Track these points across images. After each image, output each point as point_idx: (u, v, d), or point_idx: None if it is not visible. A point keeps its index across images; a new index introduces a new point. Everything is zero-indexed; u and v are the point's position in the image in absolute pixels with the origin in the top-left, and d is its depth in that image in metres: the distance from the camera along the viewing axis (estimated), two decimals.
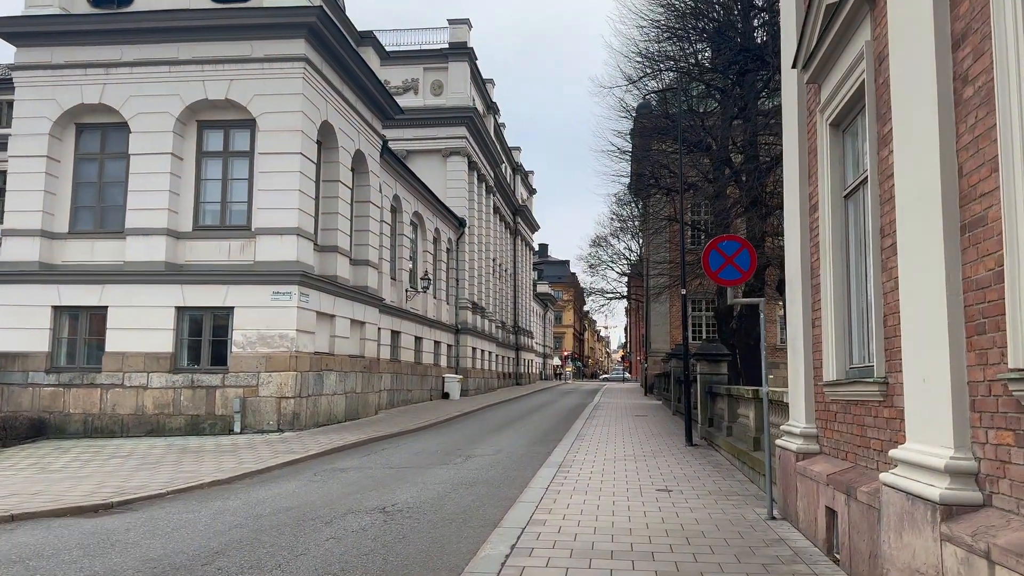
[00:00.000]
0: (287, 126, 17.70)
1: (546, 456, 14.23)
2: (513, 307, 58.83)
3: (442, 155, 37.27)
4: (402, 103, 37.26)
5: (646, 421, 23.00)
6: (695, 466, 12.61)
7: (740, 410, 13.29)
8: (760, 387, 11.71)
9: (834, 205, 7.33)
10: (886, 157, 5.81)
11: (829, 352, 7.27)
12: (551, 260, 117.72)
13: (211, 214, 18.56)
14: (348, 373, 20.54)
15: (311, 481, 11.55)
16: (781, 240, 25.96)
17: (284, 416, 17.12)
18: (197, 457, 13.95)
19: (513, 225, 59.03)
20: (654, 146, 30.88)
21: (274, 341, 17.27)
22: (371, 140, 22.87)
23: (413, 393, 28.81)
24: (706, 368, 17.31)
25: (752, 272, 8.52)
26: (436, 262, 33.78)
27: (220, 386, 17.32)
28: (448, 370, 34.76)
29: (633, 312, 74.70)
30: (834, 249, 7.29)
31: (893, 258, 5.61)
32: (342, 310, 20.23)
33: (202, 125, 18.64)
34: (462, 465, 13.29)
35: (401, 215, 28.00)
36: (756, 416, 11.24)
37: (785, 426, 8.46)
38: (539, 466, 12.78)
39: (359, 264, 22.24)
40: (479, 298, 40.74)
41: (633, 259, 55.40)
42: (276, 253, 17.44)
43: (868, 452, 6.17)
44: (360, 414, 21.37)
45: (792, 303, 8.47)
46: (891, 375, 5.67)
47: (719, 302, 31.06)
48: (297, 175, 17.58)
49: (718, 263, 8.53)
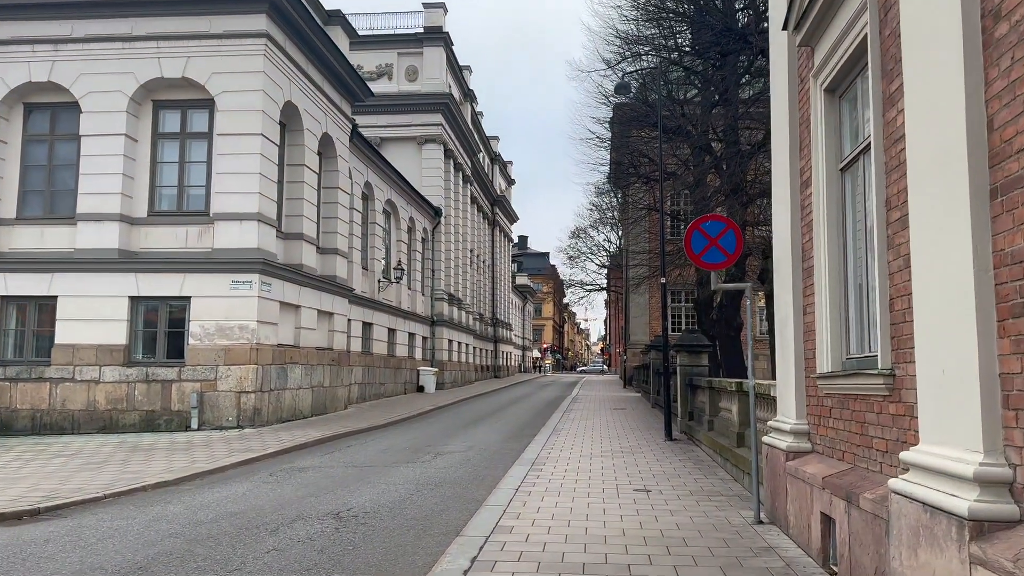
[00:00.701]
0: (247, 106, 16.77)
1: (520, 452, 13.52)
2: (491, 299, 58.06)
3: (417, 143, 36.33)
4: (376, 89, 36.29)
5: (624, 415, 22.38)
6: (675, 463, 11.95)
7: (722, 403, 12.66)
8: (744, 379, 11.06)
9: (829, 179, 6.65)
10: (893, 118, 5.12)
11: (823, 341, 6.61)
12: (531, 252, 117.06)
13: (167, 199, 17.60)
14: (315, 366, 19.68)
15: (264, 482, 10.74)
16: (762, 229, 25.47)
17: (244, 412, 16.25)
18: (147, 456, 13.07)
19: (491, 216, 58.21)
20: (633, 133, 30.24)
21: (233, 333, 16.38)
22: (339, 123, 21.95)
23: (386, 387, 27.98)
24: (686, 360, 16.68)
25: (738, 254, 7.83)
26: (411, 252, 32.91)
27: (176, 380, 16.42)
28: (423, 363, 33.94)
29: (612, 304, 74.32)
30: (829, 227, 6.61)
31: (902, 233, 4.92)
32: (308, 300, 19.35)
33: (158, 105, 17.65)
34: (430, 463, 12.54)
35: (373, 203, 27.09)
36: (740, 410, 10.59)
37: (773, 422, 7.80)
38: (511, 464, 12.07)
39: (327, 253, 21.35)
40: (456, 289, 39.92)
41: (613, 250, 54.93)
42: (235, 240, 16.54)
43: (870, 453, 5.50)
44: (328, 409, 20.53)
45: (781, 288, 7.80)
46: (899, 366, 4.99)
47: (699, 293, 30.52)
48: (258, 158, 16.66)
49: (701, 245, 7.82)
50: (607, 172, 31.60)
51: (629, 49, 22.78)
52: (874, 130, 5.43)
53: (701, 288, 29.81)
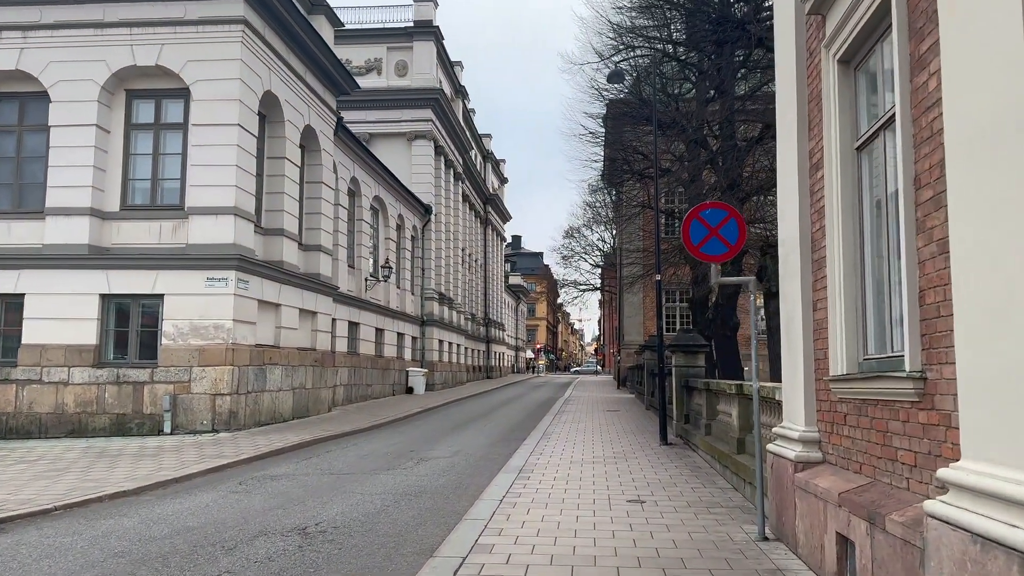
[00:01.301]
0: (223, 95, 16.03)
1: (507, 458, 12.83)
2: (483, 299, 57.34)
3: (407, 139, 35.60)
4: (365, 84, 35.58)
5: (618, 417, 21.72)
6: (671, 470, 11.27)
7: (720, 407, 11.99)
8: (745, 381, 10.40)
9: (843, 160, 5.99)
10: (924, 83, 4.45)
11: (837, 340, 5.94)
12: (524, 252, 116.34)
13: (141, 192, 16.85)
14: (296, 367, 18.95)
15: (233, 492, 10.03)
16: (759, 226, 24.82)
17: (219, 415, 15.51)
18: (112, 462, 12.34)
19: (484, 214, 57.49)
20: (627, 129, 29.60)
21: (208, 332, 15.64)
22: (323, 116, 21.22)
23: (373, 388, 27.24)
24: (682, 360, 16.01)
25: (741, 245, 7.16)
26: (400, 250, 32.17)
27: (149, 382, 15.67)
28: (413, 363, 33.20)
29: (606, 304, 73.73)
30: (843, 214, 5.95)
31: (936, 215, 4.26)
32: (289, 299, 18.62)
33: (131, 95, 16.90)
34: (411, 470, 11.84)
35: (360, 199, 26.35)
36: (740, 414, 9.93)
37: (779, 428, 7.14)
38: (497, 471, 11.39)
39: (310, 250, 20.61)
40: (447, 289, 39.20)
41: (607, 250, 54.33)
42: (211, 235, 15.80)
43: (895, 466, 4.83)
44: (311, 411, 19.79)
45: (787, 283, 7.13)
46: (931, 368, 4.32)
47: (694, 292, 29.86)
48: (234, 149, 15.93)
49: (700, 235, 7.15)
50: (600, 169, 30.89)
51: (622, 40, 22.09)
52: (900, 99, 4.76)
53: (696, 287, 29.17)
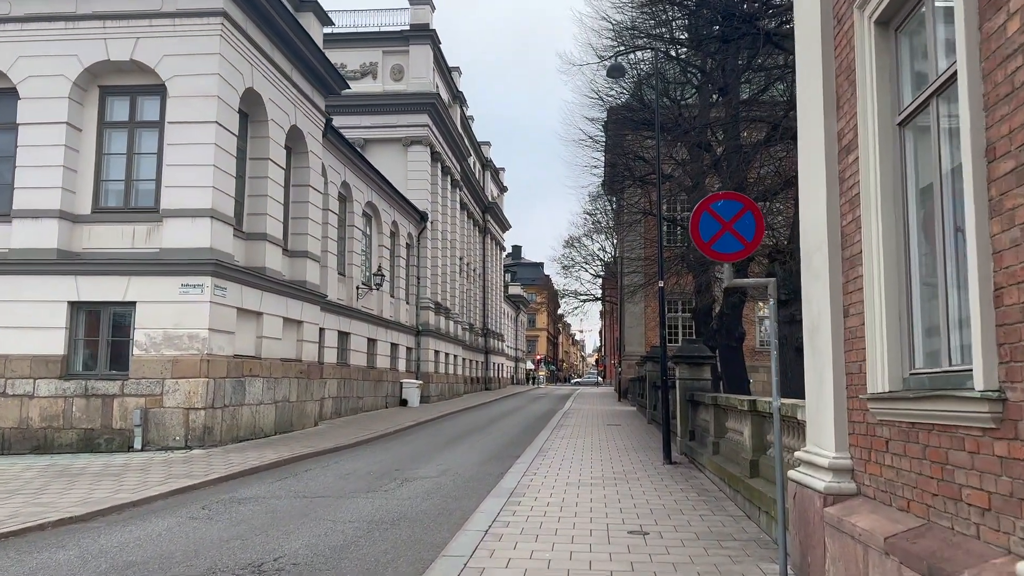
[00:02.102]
0: (201, 91, 15.17)
1: (499, 478, 11.88)
2: (482, 309, 56.41)
3: (402, 144, 34.77)
4: (360, 89, 34.86)
5: (619, 432, 20.74)
6: (676, 493, 10.31)
7: (730, 424, 11.04)
8: (758, 396, 9.46)
9: (883, 137, 5.07)
10: (1001, 27, 3.53)
11: (876, 351, 5.02)
12: (524, 262, 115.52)
13: (114, 194, 15.96)
14: (280, 379, 18.00)
15: (192, 518, 9.08)
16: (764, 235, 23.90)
17: (193, 431, 14.56)
18: (71, 482, 11.38)
19: (482, 223, 56.64)
20: (628, 135, 28.83)
21: (182, 342, 14.72)
22: (311, 116, 20.36)
23: (365, 400, 26.27)
24: (686, 372, 15.07)
25: (758, 242, 6.25)
26: (394, 258, 31.26)
27: (119, 395, 14.73)
28: (407, 375, 32.23)
29: (607, 315, 72.81)
30: (883, 201, 5.03)
31: (1016, 193, 3.35)
32: (272, 307, 17.69)
33: (105, 91, 16.04)
34: (393, 493, 10.88)
35: (351, 205, 25.47)
36: (753, 433, 8.98)
37: (803, 453, 6.19)
38: (487, 493, 10.45)
39: (296, 256, 19.70)
40: (443, 298, 38.27)
41: (607, 259, 53.51)
42: (186, 239, 14.90)
43: (958, 508, 3.90)
44: (296, 426, 18.83)
45: (811, 286, 6.21)
46: (1013, 387, 3.39)
47: (697, 301, 28.92)
48: (212, 148, 15.05)
49: (711, 231, 6.23)
50: (601, 175, 30.05)
51: (622, 40, 21.26)
52: (964, 52, 3.83)
53: (699, 296, 28.24)
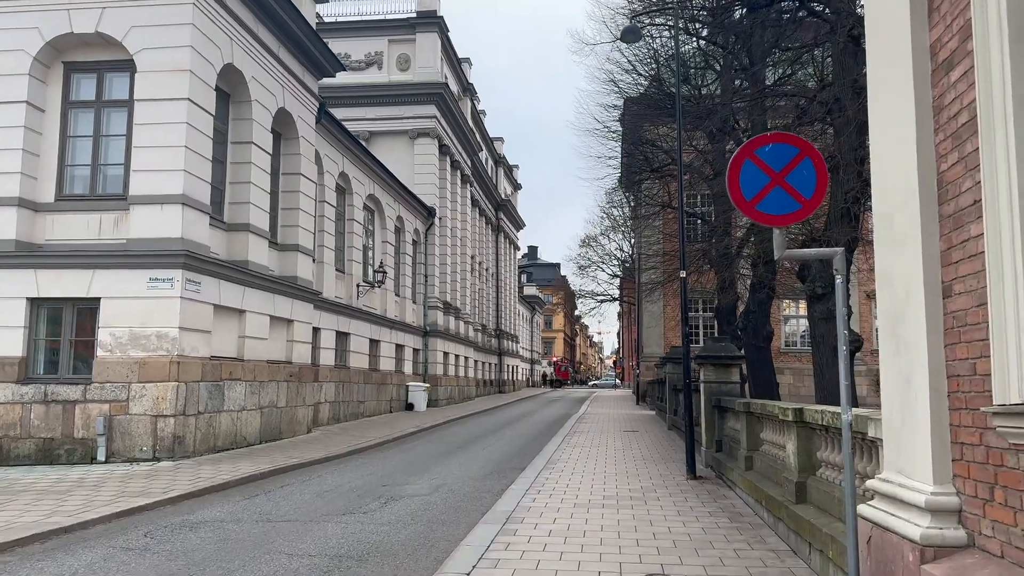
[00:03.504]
0: (172, 65, 13.74)
1: (497, 497, 10.32)
2: (495, 309, 54.85)
3: (409, 137, 33.30)
4: (365, 79, 33.50)
5: (637, 439, 19.08)
6: (704, 519, 8.67)
7: (766, 435, 9.39)
8: (807, 405, 7.78)
9: (1015, 38, 3.46)
10: None
11: (1005, 347, 3.41)
12: (541, 263, 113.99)
13: (80, 181, 14.57)
14: (266, 383, 16.53)
15: (126, 549, 7.59)
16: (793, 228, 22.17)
17: (162, 440, 13.10)
18: (7, 502, 9.93)
19: (495, 221, 55.10)
20: (645, 126, 27.30)
21: (150, 342, 13.27)
22: (302, 99, 18.90)
23: (367, 405, 24.77)
24: (712, 375, 13.40)
25: (820, 199, 4.63)
26: (399, 255, 29.77)
27: (81, 400, 13.31)
28: (414, 377, 30.71)
29: (625, 315, 71.15)
30: (1016, 130, 3.42)
31: None
32: (257, 304, 16.23)
33: (69, 68, 14.66)
34: (372, 516, 9.33)
35: (351, 197, 23.99)
36: (801, 449, 7.33)
37: (879, 481, 4.57)
38: (480, 517, 8.88)
39: (286, 250, 18.24)
40: (453, 297, 36.75)
41: (624, 257, 51.95)
42: (155, 228, 13.47)
43: None
44: (285, 433, 17.35)
45: (894, 257, 4.57)
46: None
47: (720, 299, 27.16)
48: (183, 127, 13.62)
49: (756, 185, 4.62)
50: (616, 166, 28.42)
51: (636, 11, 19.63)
52: None
53: (722, 294, 26.52)
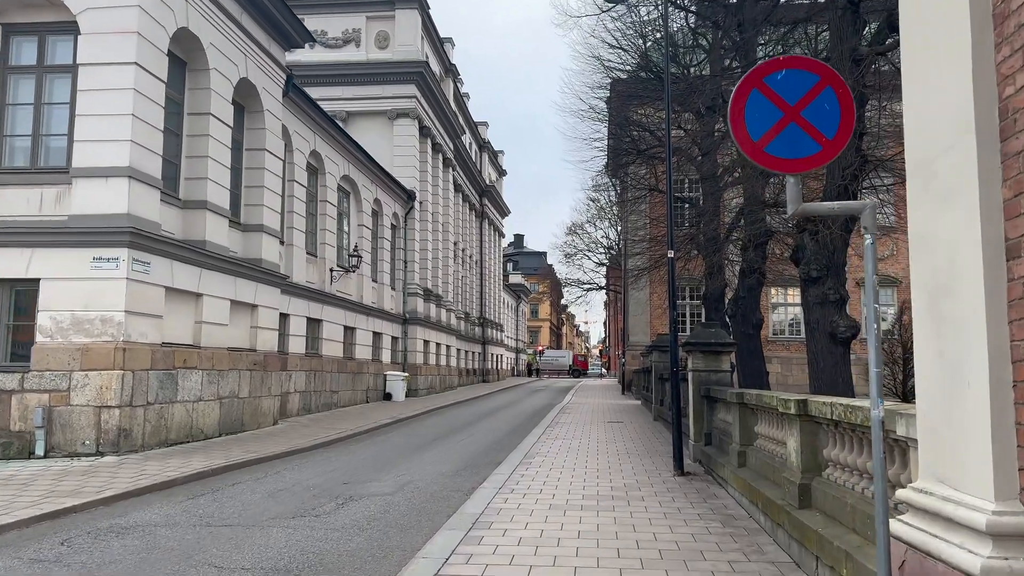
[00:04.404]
0: (118, 26, 12.62)
1: (467, 497, 9.41)
2: (479, 297, 53.88)
3: (388, 117, 32.15)
4: (342, 58, 32.35)
5: (622, 430, 18.22)
6: (694, 523, 7.78)
7: (762, 429, 8.51)
8: (812, 397, 6.87)
9: None
10: None
11: None
12: (527, 251, 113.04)
13: (20, 152, 13.44)
14: (226, 372, 15.50)
15: (34, 561, 6.63)
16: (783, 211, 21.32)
17: (106, 433, 12.07)
18: None
19: (479, 207, 54.04)
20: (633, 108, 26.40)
21: (93, 327, 12.23)
22: (267, 70, 17.78)
23: (341, 395, 23.76)
24: (701, 363, 12.52)
25: (845, 140, 3.70)
26: (377, 239, 28.70)
27: (18, 390, 12.25)
28: (393, 366, 29.70)
29: (611, 305, 70.47)
30: None
31: None
32: (216, 287, 15.18)
33: (8, 31, 13.49)
34: (325, 519, 8.38)
35: (323, 178, 22.89)
36: (804, 446, 6.44)
37: (915, 492, 3.66)
38: (444, 521, 7.96)
39: (250, 230, 17.17)
40: (434, 284, 35.72)
41: (610, 244, 51.23)
42: (100, 204, 12.39)
43: None
44: (248, 425, 16.34)
45: (936, 215, 3.64)
46: None
47: (707, 286, 26.37)
48: (130, 94, 12.52)
49: (766, 122, 3.68)
50: (602, 147, 27.49)
51: None
52: None
53: (710, 280, 25.70)
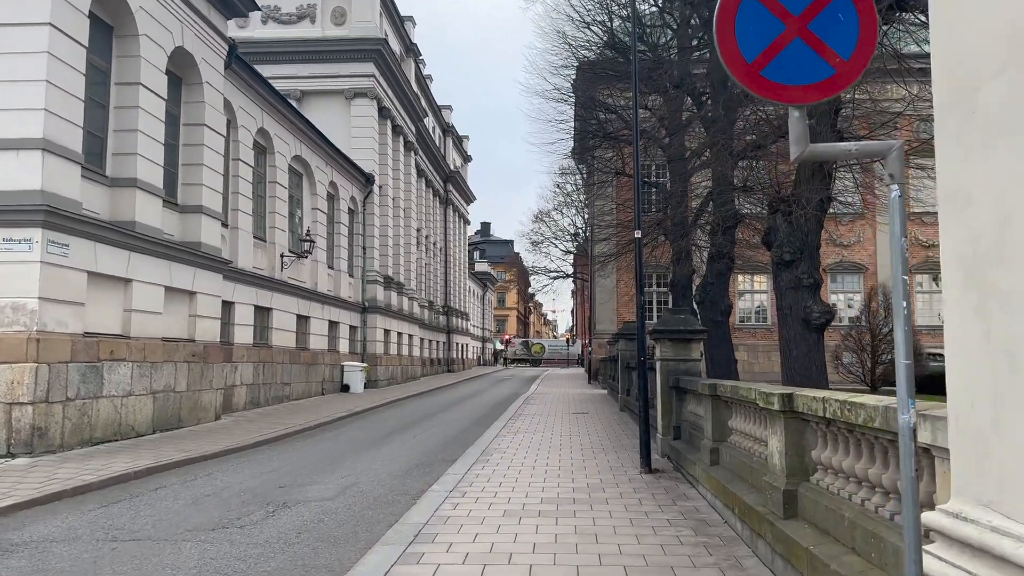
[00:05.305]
0: None
1: (414, 501, 8.51)
2: (444, 285, 52.82)
3: (345, 97, 30.86)
4: (296, 34, 31.01)
5: (587, 422, 17.44)
6: (663, 530, 6.96)
7: (737, 424, 7.72)
8: (800, 391, 6.03)
9: None
10: None
11: None
12: (494, 239, 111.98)
13: None
14: (161, 364, 14.35)
15: None
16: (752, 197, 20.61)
17: (18, 433, 10.92)
18: None
19: (444, 193, 52.88)
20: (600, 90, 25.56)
21: (4, 316, 11.03)
22: (207, 40, 16.53)
23: (294, 387, 22.64)
24: (669, 351, 11.74)
25: (866, 59, 2.87)
26: (334, 224, 27.51)
27: None
28: (351, 356, 28.59)
29: (579, 293, 69.99)
30: None
31: None
32: (148, 273, 14.00)
33: None
34: (249, 531, 7.41)
35: (272, 157, 21.65)
36: (789, 447, 5.64)
37: (949, 518, 2.82)
38: (385, 531, 7.05)
39: (188, 212, 15.97)
40: (395, 271, 34.61)
41: (576, 231, 50.66)
42: (10, 179, 11.16)
43: None
44: (187, 421, 15.21)
45: (974, 158, 2.78)
46: None
47: (675, 272, 25.74)
48: (44, 58, 11.29)
49: (763, 37, 2.83)
50: (567, 128, 26.59)
51: None
52: None
53: (678, 267, 25.05)
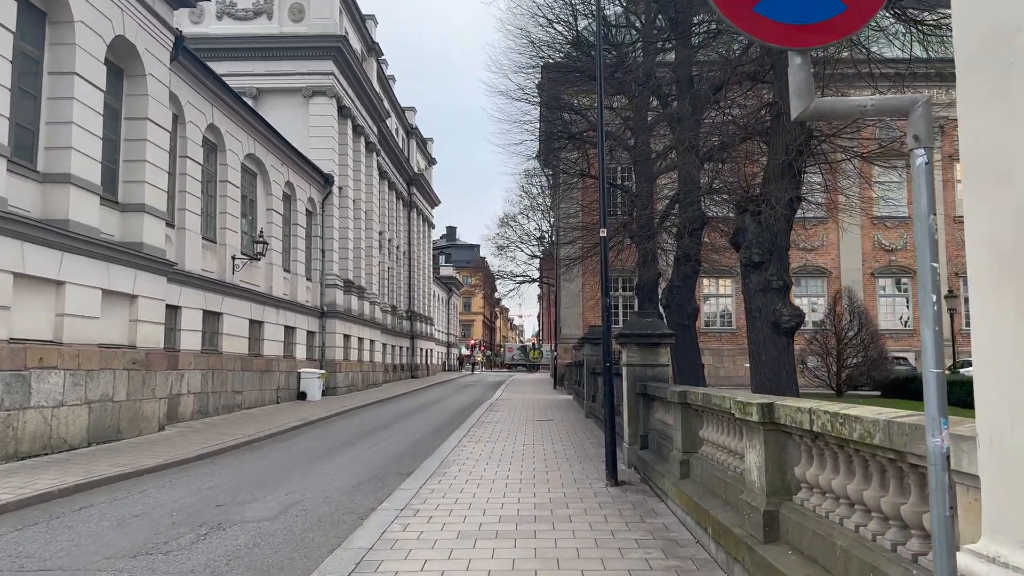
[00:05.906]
0: None
1: (361, 520, 7.82)
2: (408, 290, 51.94)
3: (303, 95, 29.94)
4: (253, 30, 30.08)
5: (551, 429, 16.85)
6: (630, 552, 6.38)
7: (708, 433, 7.19)
8: (782, 400, 5.46)
9: None
10: None
11: None
12: (460, 244, 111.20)
13: None
14: (97, 372, 13.43)
15: None
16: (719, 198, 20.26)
17: None
18: None
19: (408, 196, 52.03)
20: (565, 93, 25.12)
21: None
22: (151, 29, 15.64)
23: (246, 396, 21.68)
24: (636, 356, 11.21)
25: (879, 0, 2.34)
26: (291, 226, 26.58)
27: None
28: (309, 363, 27.66)
29: (545, 298, 69.61)
30: None
31: None
32: (83, 275, 13.08)
33: None
34: (174, 558, 6.67)
35: (223, 155, 20.73)
36: (770, 463, 5.10)
37: (981, 561, 2.26)
38: (325, 557, 6.38)
39: (129, 210, 15.05)
40: (356, 275, 33.72)
41: (542, 235, 50.33)
42: None
43: None
44: (126, 432, 14.28)
45: (1011, 113, 2.23)
46: None
47: (641, 275, 25.37)
48: None
49: None
50: (532, 129, 26.08)
51: None
52: None
53: (643, 270, 24.67)
